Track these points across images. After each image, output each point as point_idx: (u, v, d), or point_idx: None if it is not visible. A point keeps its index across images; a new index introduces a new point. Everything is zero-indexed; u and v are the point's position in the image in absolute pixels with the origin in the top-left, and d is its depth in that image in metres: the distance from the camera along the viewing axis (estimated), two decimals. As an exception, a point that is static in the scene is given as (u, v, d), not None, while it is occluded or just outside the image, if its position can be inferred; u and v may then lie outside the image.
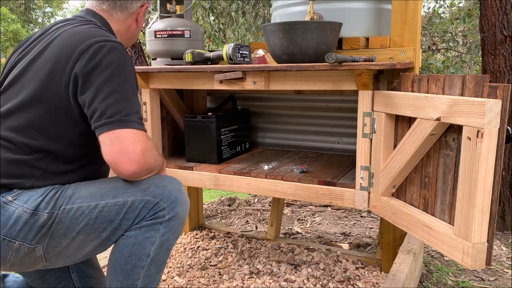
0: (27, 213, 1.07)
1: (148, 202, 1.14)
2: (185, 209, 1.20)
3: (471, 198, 1.05)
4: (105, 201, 1.13)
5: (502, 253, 2.15)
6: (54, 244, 1.11)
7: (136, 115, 1.12)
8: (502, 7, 2.27)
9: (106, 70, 1.10)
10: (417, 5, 1.54)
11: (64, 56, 1.12)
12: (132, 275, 1.15)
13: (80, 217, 1.11)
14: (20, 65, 1.19)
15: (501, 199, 2.40)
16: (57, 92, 1.12)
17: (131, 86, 1.15)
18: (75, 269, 1.40)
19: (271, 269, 1.91)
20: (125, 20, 1.34)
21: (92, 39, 1.13)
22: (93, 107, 1.09)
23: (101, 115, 1.08)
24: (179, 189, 1.20)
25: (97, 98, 1.09)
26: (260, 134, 2.33)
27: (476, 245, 1.06)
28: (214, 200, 3.28)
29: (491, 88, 1.04)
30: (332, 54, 1.36)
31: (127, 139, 1.07)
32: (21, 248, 1.08)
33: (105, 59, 1.11)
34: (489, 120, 1.00)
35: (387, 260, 1.83)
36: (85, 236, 1.12)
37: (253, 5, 4.54)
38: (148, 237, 1.14)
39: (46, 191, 1.12)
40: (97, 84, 1.09)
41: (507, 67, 2.29)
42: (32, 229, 1.08)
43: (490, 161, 1.02)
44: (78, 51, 1.11)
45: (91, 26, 1.22)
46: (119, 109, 1.09)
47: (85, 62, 1.10)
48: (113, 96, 1.09)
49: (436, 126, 1.17)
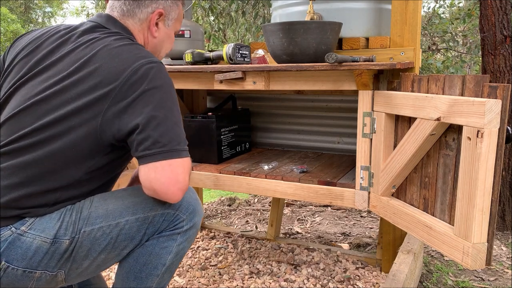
0: (47, 242, 1.03)
1: (168, 214, 1.12)
2: (200, 218, 1.19)
3: (471, 198, 1.05)
4: (125, 219, 1.09)
5: (502, 253, 2.15)
6: (76, 266, 1.08)
7: (185, 142, 1.08)
8: (502, 7, 2.27)
9: (156, 95, 1.04)
10: (417, 5, 1.54)
11: (106, 83, 1.04)
12: (145, 283, 1.14)
13: (101, 237, 1.07)
14: (40, 83, 1.08)
15: (501, 199, 2.40)
16: (93, 123, 1.04)
17: (178, 110, 1.10)
18: None
19: (271, 269, 1.91)
20: (140, 29, 1.22)
21: (135, 64, 1.05)
22: (144, 135, 1.03)
23: (154, 143, 1.02)
24: (196, 199, 1.19)
25: (150, 125, 1.03)
26: (260, 134, 2.33)
27: (476, 245, 1.06)
28: (214, 200, 3.28)
29: (491, 88, 1.04)
30: (332, 54, 1.36)
31: (178, 169, 1.04)
32: (43, 276, 1.05)
33: (153, 83, 1.05)
34: (489, 120, 1.00)
35: (387, 260, 1.83)
36: (106, 255, 1.10)
37: (253, 5, 4.54)
38: (166, 246, 1.12)
39: (61, 215, 1.06)
40: (148, 110, 1.03)
41: (507, 67, 2.29)
42: (54, 256, 1.04)
43: (490, 161, 1.02)
44: (123, 78, 1.04)
45: (126, 42, 1.12)
46: (172, 138, 1.04)
47: (129, 88, 1.03)
48: (166, 123, 1.04)
49: (436, 126, 1.17)
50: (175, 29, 1.33)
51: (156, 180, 1.03)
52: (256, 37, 4.76)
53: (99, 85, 1.04)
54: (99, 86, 1.04)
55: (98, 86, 1.04)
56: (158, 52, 1.32)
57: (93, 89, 1.04)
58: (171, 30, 1.31)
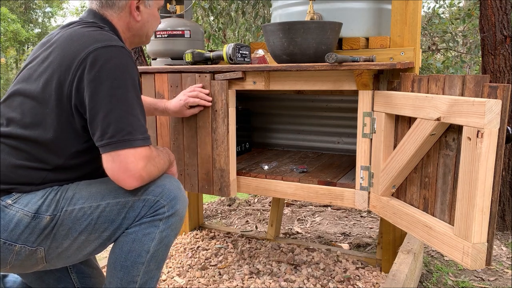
0: (28, 216, 1.08)
1: (149, 200, 1.15)
2: (184, 206, 1.21)
3: (471, 198, 1.05)
4: (106, 201, 1.14)
5: (502, 253, 2.15)
6: (56, 245, 1.12)
7: (139, 130, 1.10)
8: (502, 7, 2.27)
9: (106, 82, 1.07)
10: (417, 5, 1.54)
11: (64, 67, 1.10)
12: (132, 271, 1.15)
13: (82, 217, 1.12)
14: (26, 72, 1.18)
15: (501, 199, 2.40)
16: (61, 106, 1.11)
17: (135, 95, 1.12)
18: (74, 270, 1.40)
19: (271, 269, 1.91)
20: (120, 17, 1.27)
21: (90, 47, 1.10)
22: (94, 125, 1.08)
23: (102, 135, 1.07)
24: (178, 187, 1.21)
25: (99, 115, 1.07)
26: (260, 134, 2.33)
27: (476, 245, 1.05)
28: (214, 200, 3.28)
29: (491, 88, 1.04)
30: (332, 54, 1.36)
31: (128, 158, 1.07)
32: (22, 251, 1.09)
33: (104, 68, 1.08)
34: (489, 120, 1.00)
35: (387, 260, 1.83)
36: (87, 236, 1.13)
37: (253, 5, 4.54)
38: (148, 233, 1.14)
39: (46, 193, 1.12)
40: (98, 98, 1.07)
41: (507, 67, 2.29)
42: (34, 232, 1.09)
43: (490, 161, 1.02)
44: (77, 62, 1.09)
45: (91, 29, 1.18)
46: (121, 128, 1.07)
47: (84, 74, 1.08)
48: (114, 112, 1.07)
49: (436, 126, 1.17)
50: (158, 5, 1.36)
51: (108, 169, 1.09)
52: (256, 37, 4.76)
53: (60, 72, 1.10)
54: (60, 73, 1.10)
55: (60, 73, 1.11)
56: (144, 33, 1.35)
57: (56, 76, 1.11)
58: (153, 8, 1.33)
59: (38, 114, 1.12)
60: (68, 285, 1.39)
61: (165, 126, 1.75)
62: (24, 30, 14.68)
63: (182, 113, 1.62)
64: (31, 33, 15.72)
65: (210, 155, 1.66)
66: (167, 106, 1.62)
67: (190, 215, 2.38)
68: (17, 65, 16.57)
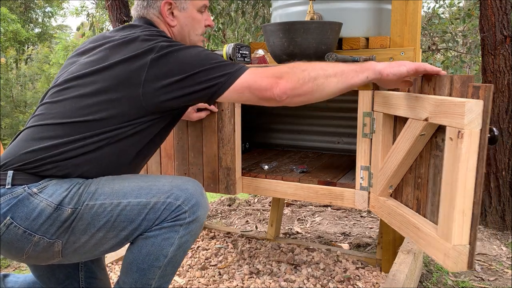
0: (51, 207, 1.07)
1: (170, 204, 1.13)
2: (205, 212, 1.19)
3: (452, 199, 1.03)
4: (127, 200, 1.12)
5: (502, 253, 2.15)
6: (74, 239, 1.11)
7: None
8: (502, 7, 2.27)
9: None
10: (417, 5, 1.54)
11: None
12: (148, 274, 1.15)
13: (101, 214, 1.11)
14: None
15: (501, 199, 2.40)
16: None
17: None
18: (84, 268, 1.40)
19: (271, 269, 1.91)
20: (159, 21, 1.33)
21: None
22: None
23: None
24: (201, 193, 1.19)
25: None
26: (260, 134, 2.33)
27: (457, 247, 1.04)
28: (214, 200, 3.28)
29: (475, 88, 1.03)
30: (332, 54, 1.36)
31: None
32: (41, 242, 1.08)
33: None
34: (469, 120, 0.99)
35: (387, 260, 1.83)
36: (105, 234, 1.12)
37: (253, 5, 4.54)
38: (167, 238, 1.13)
39: (71, 186, 1.11)
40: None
41: (507, 67, 2.29)
42: (54, 223, 1.08)
43: (471, 162, 1.00)
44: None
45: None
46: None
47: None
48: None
49: (425, 126, 1.16)
50: (196, 6, 1.36)
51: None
52: (255, 37, 4.76)
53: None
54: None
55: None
56: (186, 37, 1.37)
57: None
58: (190, 11, 1.35)
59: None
60: (74, 283, 1.38)
61: (165, 126, 1.75)
62: (24, 30, 14.67)
63: (188, 116, 1.62)
64: (31, 33, 15.71)
65: (216, 154, 1.66)
66: None
67: (190, 215, 2.37)
68: (17, 65, 16.56)
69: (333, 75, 1.16)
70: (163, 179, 1.19)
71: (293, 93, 1.14)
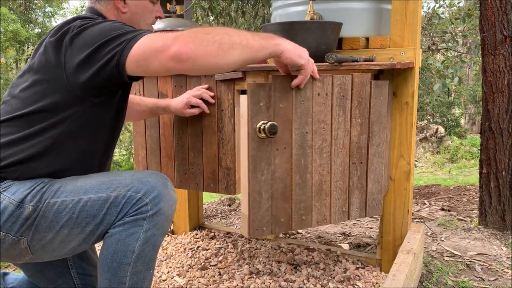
0: (13, 204, 1.09)
1: (131, 197, 1.13)
2: (169, 204, 1.17)
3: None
4: (88, 196, 1.13)
5: (502, 253, 2.15)
6: (39, 237, 1.12)
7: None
8: (502, 7, 2.27)
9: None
10: (417, 5, 1.54)
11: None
12: (119, 272, 1.14)
13: (63, 211, 1.12)
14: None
15: (501, 199, 2.40)
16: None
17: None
18: (75, 266, 1.40)
19: (271, 269, 1.91)
20: (107, 9, 1.34)
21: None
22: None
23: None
24: (164, 184, 1.17)
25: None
26: (260, 134, 2.33)
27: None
28: (214, 200, 3.28)
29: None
30: (332, 54, 1.36)
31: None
32: (6, 239, 1.10)
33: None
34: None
35: (387, 260, 1.83)
36: (69, 231, 1.13)
37: (253, 5, 4.54)
38: (132, 233, 1.12)
39: (35, 184, 1.13)
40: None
41: (507, 67, 2.29)
42: (17, 221, 1.09)
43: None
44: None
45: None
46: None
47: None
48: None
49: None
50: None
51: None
52: (256, 37, 4.74)
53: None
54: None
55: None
56: (136, 26, 1.35)
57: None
58: (142, 0, 1.36)
59: None
60: (67, 281, 1.39)
61: (169, 126, 1.75)
62: (24, 30, 14.67)
63: (181, 112, 1.62)
64: (31, 33, 15.71)
65: (216, 154, 1.66)
66: (169, 103, 1.63)
67: (190, 215, 2.38)
68: (17, 65, 16.57)
69: (238, 43, 1.09)
70: (126, 174, 1.18)
71: (195, 55, 1.03)
